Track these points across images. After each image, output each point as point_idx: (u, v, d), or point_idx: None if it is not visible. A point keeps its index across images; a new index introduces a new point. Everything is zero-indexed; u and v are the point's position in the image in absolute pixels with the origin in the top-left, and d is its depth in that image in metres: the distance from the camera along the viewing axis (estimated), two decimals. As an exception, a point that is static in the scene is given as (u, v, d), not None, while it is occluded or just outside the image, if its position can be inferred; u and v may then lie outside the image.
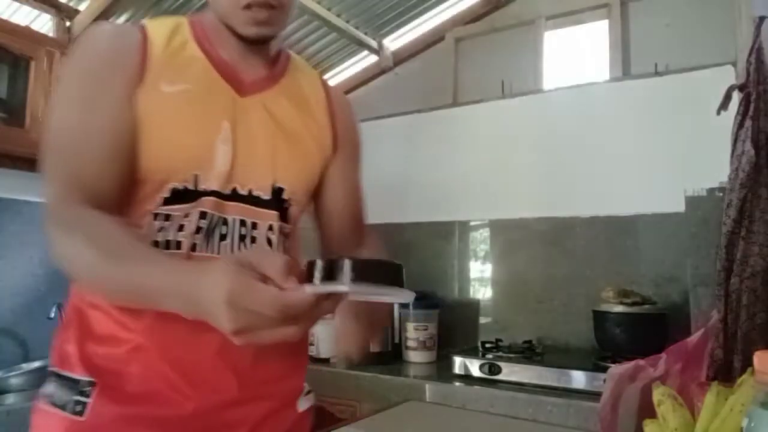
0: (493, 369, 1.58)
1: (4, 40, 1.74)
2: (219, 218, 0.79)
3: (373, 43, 2.47)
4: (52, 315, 1.83)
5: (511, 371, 1.55)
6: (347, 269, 0.52)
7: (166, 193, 0.77)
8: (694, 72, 1.79)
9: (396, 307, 1.96)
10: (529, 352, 1.70)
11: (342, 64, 2.58)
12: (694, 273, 1.39)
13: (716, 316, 1.09)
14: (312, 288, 0.52)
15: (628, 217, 1.85)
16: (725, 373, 1.03)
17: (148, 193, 0.77)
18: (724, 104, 1.16)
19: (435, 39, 2.45)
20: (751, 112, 1.09)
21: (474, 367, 1.61)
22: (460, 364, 1.64)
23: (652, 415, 0.75)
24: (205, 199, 0.78)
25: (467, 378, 1.61)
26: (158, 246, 0.77)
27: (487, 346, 1.77)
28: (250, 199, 0.82)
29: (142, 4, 2.00)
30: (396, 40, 2.52)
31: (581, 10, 2.16)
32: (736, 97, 1.14)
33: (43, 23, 2.03)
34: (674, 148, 1.79)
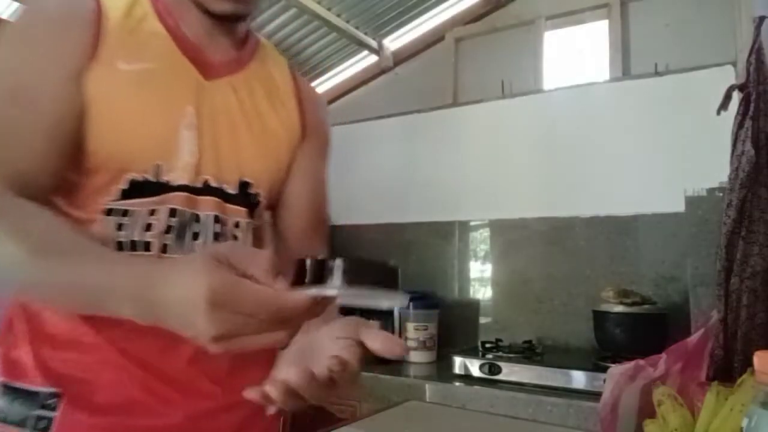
0: (493, 369, 1.57)
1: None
2: (191, 215, 0.73)
3: (373, 43, 2.47)
4: None
5: (511, 371, 1.55)
6: (339, 270, 0.48)
7: (124, 185, 0.69)
8: (694, 72, 1.79)
9: (396, 307, 1.96)
10: (529, 352, 1.70)
11: (342, 64, 2.57)
12: (694, 273, 1.39)
13: (716, 316, 1.09)
14: (315, 290, 0.47)
15: (628, 217, 1.84)
16: (725, 373, 1.03)
17: (102, 185, 0.69)
18: (724, 104, 1.16)
19: (435, 39, 2.45)
20: (751, 112, 1.09)
21: (474, 367, 1.61)
22: (460, 364, 1.64)
23: (652, 415, 0.75)
24: (174, 195, 0.71)
25: (467, 378, 1.61)
26: (122, 248, 0.69)
27: (487, 346, 1.77)
28: (220, 193, 0.75)
29: None
30: (396, 40, 2.52)
31: (581, 10, 2.16)
32: (736, 97, 1.14)
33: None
34: (674, 148, 1.79)
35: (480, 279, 2.14)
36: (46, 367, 0.68)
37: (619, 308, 1.62)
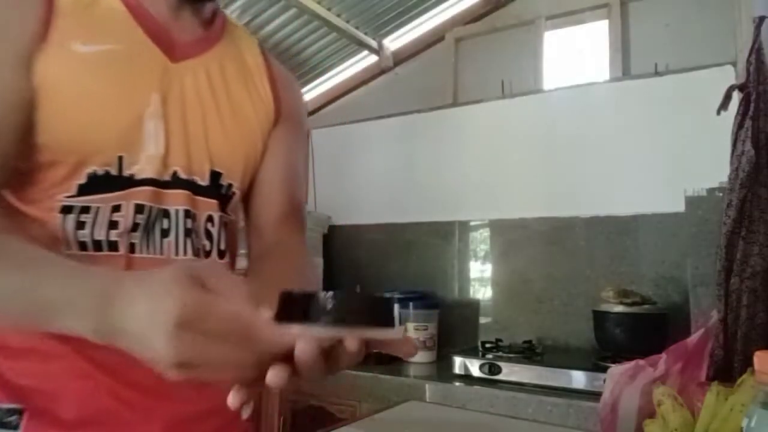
0: (493, 369, 1.57)
1: None
2: (158, 211, 0.67)
3: (373, 43, 2.47)
4: None
5: (511, 371, 1.55)
6: (331, 304, 0.43)
7: (82, 179, 0.63)
8: (694, 72, 1.79)
9: (396, 307, 1.96)
10: (529, 352, 1.70)
11: (342, 64, 2.57)
12: (694, 273, 1.39)
13: (716, 316, 1.09)
14: (300, 329, 0.42)
15: (628, 217, 1.84)
16: (725, 373, 1.03)
17: (59, 180, 0.63)
18: (724, 104, 1.16)
19: (435, 39, 2.45)
20: (751, 112, 1.09)
21: (474, 367, 1.61)
22: (460, 364, 1.64)
23: (652, 415, 0.75)
24: (139, 189, 0.65)
25: (467, 378, 1.61)
26: (86, 248, 0.63)
27: (487, 346, 1.77)
28: (191, 185, 0.69)
29: None
30: (396, 40, 2.52)
31: (581, 10, 2.16)
32: (736, 97, 1.14)
33: None
34: (674, 148, 1.79)
35: (480, 279, 2.14)
36: (3, 380, 0.61)
37: (619, 308, 1.62)
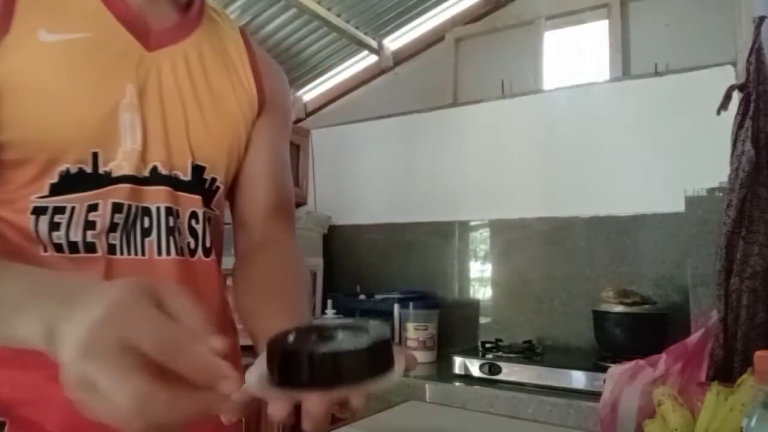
0: (493, 369, 1.57)
1: None
2: (138, 209, 0.63)
3: (373, 43, 2.47)
4: None
5: (511, 371, 1.55)
6: (330, 370, 0.38)
7: (54, 178, 0.59)
8: (694, 72, 1.79)
9: (396, 307, 1.96)
10: (529, 352, 1.70)
11: (342, 64, 2.57)
12: (694, 273, 1.39)
13: (716, 316, 1.09)
14: (312, 398, 0.38)
15: (628, 217, 1.84)
16: (725, 373, 1.03)
17: (28, 180, 0.59)
18: (724, 104, 1.16)
19: (435, 39, 2.45)
20: (751, 112, 1.09)
21: (474, 367, 1.61)
22: (460, 364, 1.64)
23: (652, 415, 0.75)
24: (116, 187, 0.62)
25: (467, 378, 1.61)
26: (62, 250, 0.59)
27: (487, 346, 1.77)
28: (172, 181, 0.66)
29: None
30: (396, 40, 2.52)
31: (581, 10, 2.16)
32: (736, 97, 1.14)
33: None
34: (674, 148, 1.79)
35: (480, 279, 2.13)
36: None
37: (619, 308, 1.62)
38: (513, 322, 2.01)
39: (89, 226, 0.60)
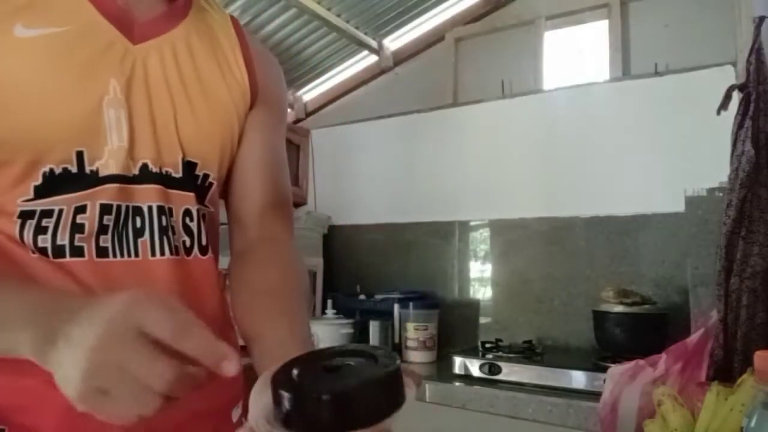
0: (493, 369, 1.57)
1: None
2: (129, 208, 0.61)
3: (373, 43, 2.47)
4: None
5: (511, 371, 1.55)
6: (340, 413, 0.37)
7: (37, 180, 0.57)
8: (694, 72, 1.79)
9: (396, 307, 1.96)
10: (529, 352, 1.70)
11: (342, 64, 2.57)
12: (694, 273, 1.39)
13: (716, 316, 1.09)
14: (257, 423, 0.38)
15: (628, 217, 1.84)
16: (725, 373, 1.03)
17: (11, 183, 0.57)
18: (724, 104, 1.16)
19: (435, 39, 2.44)
20: (751, 112, 1.09)
21: (474, 367, 1.61)
22: (460, 364, 1.64)
23: (652, 415, 0.75)
24: (104, 188, 0.59)
25: (467, 378, 1.61)
26: (47, 255, 0.57)
27: (487, 346, 1.77)
28: (163, 178, 0.63)
29: None
30: (396, 40, 2.52)
31: (581, 10, 2.16)
32: (736, 97, 1.14)
33: None
34: (674, 148, 1.79)
35: (480, 279, 2.13)
36: None
37: (619, 308, 1.62)
38: (513, 322, 2.01)
39: (77, 229, 0.58)
